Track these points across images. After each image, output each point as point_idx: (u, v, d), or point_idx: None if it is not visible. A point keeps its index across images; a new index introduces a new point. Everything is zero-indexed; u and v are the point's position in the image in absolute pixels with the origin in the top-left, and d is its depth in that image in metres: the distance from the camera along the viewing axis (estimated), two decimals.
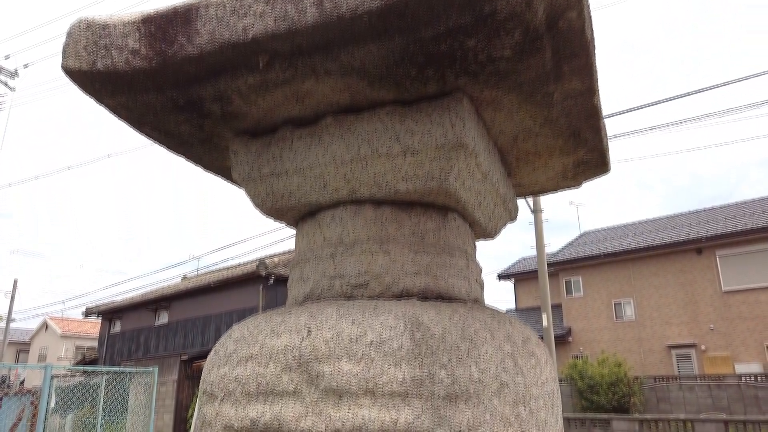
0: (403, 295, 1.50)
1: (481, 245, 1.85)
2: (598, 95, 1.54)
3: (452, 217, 1.66)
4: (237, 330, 1.49)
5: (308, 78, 1.36)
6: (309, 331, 1.31)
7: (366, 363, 1.23)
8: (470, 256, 1.71)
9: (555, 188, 2.12)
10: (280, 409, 1.25)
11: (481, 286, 1.78)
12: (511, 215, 1.98)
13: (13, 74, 24.54)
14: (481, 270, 1.79)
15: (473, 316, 1.39)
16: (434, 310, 1.35)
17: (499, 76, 1.33)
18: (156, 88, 1.44)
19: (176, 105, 1.51)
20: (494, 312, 1.51)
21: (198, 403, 1.49)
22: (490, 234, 1.91)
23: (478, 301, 1.69)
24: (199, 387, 1.50)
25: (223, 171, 1.91)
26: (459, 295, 1.59)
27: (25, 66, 28.98)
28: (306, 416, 1.22)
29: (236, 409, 1.31)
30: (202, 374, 1.50)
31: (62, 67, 1.44)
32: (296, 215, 1.72)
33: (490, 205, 1.75)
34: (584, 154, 1.79)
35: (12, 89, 24.65)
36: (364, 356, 1.24)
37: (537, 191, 2.17)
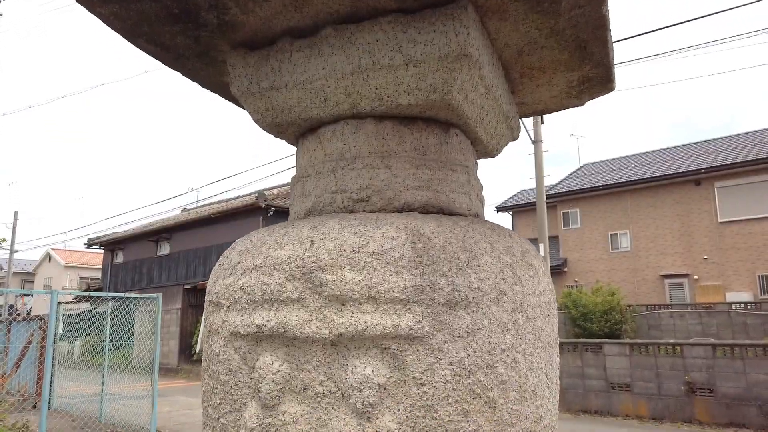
0: (404, 209, 1.51)
1: (480, 176, 1.84)
2: (607, 4, 1.48)
3: (454, 133, 1.65)
4: (241, 243, 1.51)
5: None
6: (312, 242, 1.33)
7: (368, 272, 1.25)
8: (471, 172, 1.71)
9: (559, 107, 2.09)
10: (285, 316, 1.28)
11: (482, 202, 1.79)
12: (513, 133, 1.96)
13: None
14: (482, 187, 1.79)
15: (474, 229, 1.41)
16: (435, 222, 1.37)
17: None
18: None
19: (171, 14, 1.46)
20: (494, 225, 1.53)
21: (204, 314, 1.53)
22: (491, 152, 1.90)
23: (478, 216, 1.70)
24: (205, 298, 1.53)
25: (221, 87, 1.88)
26: (460, 210, 1.60)
27: None
28: (310, 322, 1.26)
29: (242, 317, 1.35)
30: (208, 286, 1.53)
31: None
32: (297, 131, 1.70)
33: (492, 122, 1.74)
34: (590, 69, 1.75)
35: None
36: (366, 265, 1.26)
37: (540, 110, 2.14)
